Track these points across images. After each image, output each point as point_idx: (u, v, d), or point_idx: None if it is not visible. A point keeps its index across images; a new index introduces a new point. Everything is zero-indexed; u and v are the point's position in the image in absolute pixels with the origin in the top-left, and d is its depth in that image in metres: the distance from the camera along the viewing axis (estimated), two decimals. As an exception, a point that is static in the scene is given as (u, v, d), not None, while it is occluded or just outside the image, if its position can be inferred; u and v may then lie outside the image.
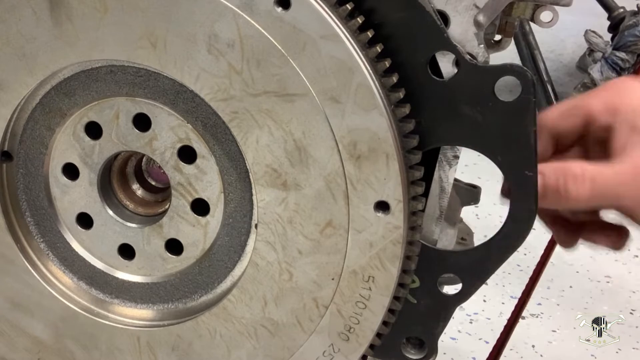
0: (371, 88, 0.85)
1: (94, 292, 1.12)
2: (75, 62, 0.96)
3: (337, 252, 0.93)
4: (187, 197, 1.00)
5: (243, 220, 1.00)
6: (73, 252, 1.10)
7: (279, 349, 1.01)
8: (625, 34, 2.93)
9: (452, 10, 0.89)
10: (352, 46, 0.84)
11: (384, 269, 0.92)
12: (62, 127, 1.02)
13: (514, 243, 0.96)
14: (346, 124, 0.86)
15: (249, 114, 0.90)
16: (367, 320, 0.95)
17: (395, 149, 0.86)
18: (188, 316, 1.06)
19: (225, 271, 1.04)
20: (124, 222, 1.06)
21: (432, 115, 0.91)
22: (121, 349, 1.09)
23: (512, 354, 1.91)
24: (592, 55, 3.35)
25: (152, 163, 1.09)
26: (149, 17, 0.89)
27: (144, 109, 0.98)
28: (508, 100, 0.88)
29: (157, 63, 0.91)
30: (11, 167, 1.08)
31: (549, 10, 0.99)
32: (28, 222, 1.10)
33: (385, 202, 0.89)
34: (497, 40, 1.09)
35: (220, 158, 0.97)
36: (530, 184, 0.91)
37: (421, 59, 0.88)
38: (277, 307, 0.98)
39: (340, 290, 0.94)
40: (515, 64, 0.88)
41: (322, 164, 0.89)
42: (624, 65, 2.95)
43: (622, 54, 2.94)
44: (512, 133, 0.89)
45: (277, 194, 0.93)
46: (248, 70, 0.87)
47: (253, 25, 0.85)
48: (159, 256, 1.05)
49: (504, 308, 2.13)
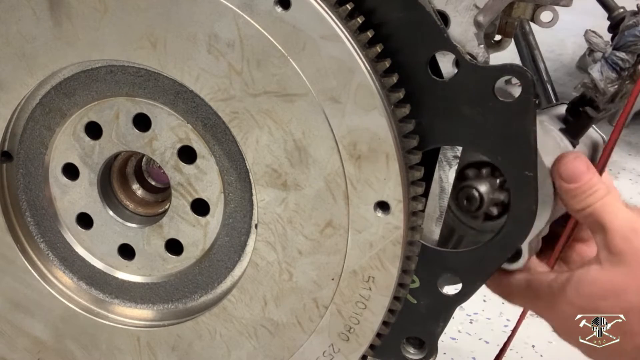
0: (371, 88, 0.84)
1: (94, 292, 1.12)
2: (75, 62, 0.96)
3: (337, 252, 0.93)
4: (187, 197, 1.00)
5: (243, 220, 1.00)
6: (73, 252, 1.10)
7: (279, 349, 1.01)
8: (625, 34, 2.92)
9: (452, 10, 0.89)
10: (352, 46, 0.84)
11: (384, 269, 0.92)
12: (62, 127, 1.02)
13: (514, 243, 0.96)
14: (346, 124, 0.86)
15: (249, 114, 0.90)
16: (367, 321, 0.95)
17: (395, 149, 0.86)
18: (188, 316, 1.06)
19: (225, 271, 1.04)
20: (124, 222, 1.06)
21: (432, 115, 0.91)
22: (121, 349, 1.09)
23: (512, 354, 1.90)
24: (592, 55, 3.35)
25: (152, 163, 1.09)
26: (149, 17, 0.89)
27: (144, 109, 0.98)
28: (508, 100, 0.88)
29: (157, 63, 0.91)
30: (11, 167, 1.08)
31: (549, 10, 0.99)
32: (28, 222, 1.10)
33: (385, 202, 0.88)
34: (497, 40, 1.09)
35: (220, 158, 0.97)
36: (530, 184, 0.91)
37: (421, 59, 0.88)
38: (277, 307, 0.98)
39: (340, 290, 0.94)
40: (515, 64, 0.88)
41: (322, 164, 0.89)
42: (624, 65, 2.94)
43: (622, 54, 2.94)
44: (512, 133, 0.89)
45: (277, 194, 0.93)
46: (248, 70, 0.87)
47: (253, 25, 0.85)
48: (159, 256, 1.05)
49: (504, 308, 2.12)
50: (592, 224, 0.99)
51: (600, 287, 0.96)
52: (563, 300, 0.99)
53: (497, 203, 1.01)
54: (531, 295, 1.02)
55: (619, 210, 0.98)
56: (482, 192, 0.99)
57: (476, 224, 1.03)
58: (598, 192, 0.98)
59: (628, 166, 3.05)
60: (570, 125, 1.08)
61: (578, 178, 0.98)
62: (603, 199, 0.98)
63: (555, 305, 1.00)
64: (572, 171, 0.98)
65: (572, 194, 0.98)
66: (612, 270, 0.95)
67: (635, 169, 3.05)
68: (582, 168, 0.98)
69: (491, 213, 1.01)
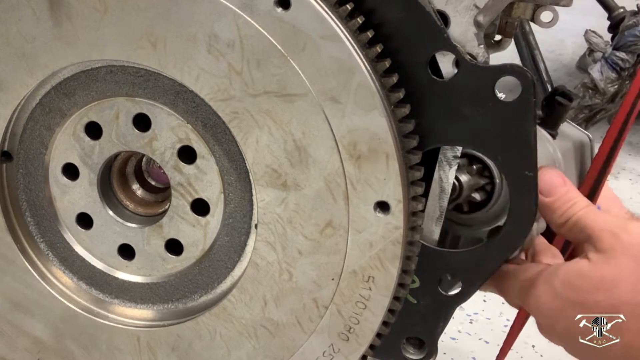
0: (371, 88, 0.84)
1: (94, 292, 1.12)
2: (75, 62, 0.96)
3: (337, 252, 0.93)
4: (187, 197, 1.00)
5: (243, 220, 1.00)
6: (73, 252, 1.10)
7: (279, 349, 1.01)
8: (625, 34, 2.92)
9: (452, 10, 0.89)
10: (352, 46, 0.84)
11: (384, 269, 0.92)
12: (62, 127, 1.02)
13: (514, 243, 0.96)
14: (346, 124, 0.86)
15: (249, 114, 0.90)
16: (367, 321, 0.95)
17: (395, 149, 0.86)
18: (188, 316, 1.06)
19: (225, 271, 1.04)
20: (124, 222, 1.06)
21: (432, 115, 0.91)
22: (121, 349, 1.09)
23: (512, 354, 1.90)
24: (592, 55, 3.35)
25: (152, 163, 1.09)
26: (149, 17, 0.89)
27: (144, 109, 0.98)
28: (508, 100, 0.88)
29: (157, 63, 0.91)
30: (11, 167, 1.08)
31: (549, 10, 0.99)
32: (28, 222, 1.10)
33: (385, 202, 0.88)
34: (497, 40, 1.09)
35: (220, 158, 0.97)
36: (530, 184, 0.91)
37: (421, 59, 0.88)
38: (277, 307, 0.98)
39: (340, 290, 0.94)
40: (515, 64, 0.88)
41: (322, 164, 0.89)
42: (624, 65, 2.94)
43: (622, 54, 2.94)
44: (512, 133, 0.89)
45: (277, 194, 0.93)
46: (248, 70, 0.87)
47: (253, 25, 0.85)
48: (159, 256, 1.05)
49: (504, 308, 2.12)
50: (577, 234, 0.97)
51: (588, 282, 0.94)
52: (549, 291, 0.96)
53: (478, 189, 1.01)
54: (518, 285, 1.01)
55: (603, 214, 0.97)
56: (460, 179, 1.00)
57: (465, 219, 1.03)
58: (578, 203, 0.98)
59: (628, 166, 3.05)
60: (546, 116, 1.10)
61: (554, 190, 0.98)
62: (584, 209, 0.97)
63: (541, 297, 0.97)
64: (548, 183, 0.97)
65: (552, 208, 0.98)
66: (602, 265, 0.93)
67: (635, 169, 3.04)
68: (558, 181, 0.98)
69: (474, 199, 1.01)
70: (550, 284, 0.97)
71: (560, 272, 0.96)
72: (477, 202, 1.02)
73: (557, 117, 1.10)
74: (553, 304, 0.97)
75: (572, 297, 0.95)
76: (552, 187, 0.98)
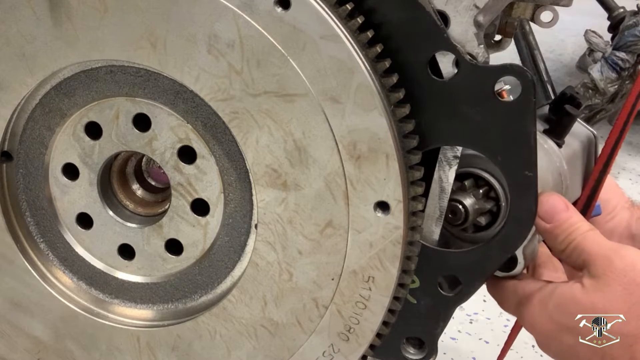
0: (371, 88, 0.84)
1: (94, 292, 1.12)
2: (75, 62, 0.96)
3: (337, 252, 0.93)
4: (187, 197, 1.00)
5: (243, 220, 1.00)
6: (73, 252, 1.10)
7: (279, 349, 1.01)
8: (625, 34, 2.92)
9: (452, 10, 0.89)
10: (352, 46, 0.84)
11: (384, 269, 0.92)
12: (62, 127, 1.02)
13: (514, 243, 0.96)
14: (346, 124, 0.86)
15: (249, 114, 0.90)
16: (367, 321, 0.95)
17: (395, 149, 0.86)
18: (188, 316, 1.06)
19: (225, 271, 1.04)
20: (124, 222, 1.06)
21: (432, 115, 0.91)
22: (121, 349, 1.09)
23: (512, 354, 1.90)
24: (592, 55, 3.35)
25: (152, 163, 1.09)
26: (149, 17, 0.89)
27: (144, 109, 0.98)
28: (508, 100, 0.88)
29: (157, 63, 0.91)
30: (11, 167, 1.08)
31: (549, 10, 0.99)
32: (28, 222, 1.10)
33: (385, 202, 0.88)
34: (497, 40, 1.09)
35: (220, 158, 0.97)
36: (530, 184, 0.91)
37: (421, 59, 0.88)
38: (277, 307, 0.98)
39: (340, 290, 0.94)
40: (515, 64, 0.88)
41: (322, 164, 0.89)
42: (624, 65, 2.94)
43: (622, 54, 2.93)
44: (512, 133, 0.89)
45: (277, 194, 0.93)
46: (248, 70, 0.87)
47: (253, 25, 0.85)
48: (159, 256, 1.05)
49: (504, 308, 2.12)
50: (576, 259, 0.97)
51: (580, 308, 0.94)
52: (544, 313, 0.97)
53: (483, 213, 1.00)
54: (515, 300, 1.01)
55: (600, 239, 0.97)
56: (466, 204, 0.98)
57: (467, 237, 1.03)
58: (579, 229, 0.97)
59: (628, 166, 3.05)
60: (553, 125, 1.08)
61: (556, 217, 0.97)
62: (584, 233, 0.97)
63: (536, 318, 0.98)
64: (550, 209, 0.97)
65: (554, 234, 0.98)
66: (593, 293, 0.93)
67: (635, 169, 3.05)
68: (560, 207, 0.98)
69: (479, 223, 1.00)
70: (544, 305, 0.97)
71: (555, 295, 0.97)
72: (482, 225, 1.01)
73: (564, 126, 1.08)
74: (547, 326, 0.98)
75: (564, 321, 0.96)
76: (554, 213, 0.97)
